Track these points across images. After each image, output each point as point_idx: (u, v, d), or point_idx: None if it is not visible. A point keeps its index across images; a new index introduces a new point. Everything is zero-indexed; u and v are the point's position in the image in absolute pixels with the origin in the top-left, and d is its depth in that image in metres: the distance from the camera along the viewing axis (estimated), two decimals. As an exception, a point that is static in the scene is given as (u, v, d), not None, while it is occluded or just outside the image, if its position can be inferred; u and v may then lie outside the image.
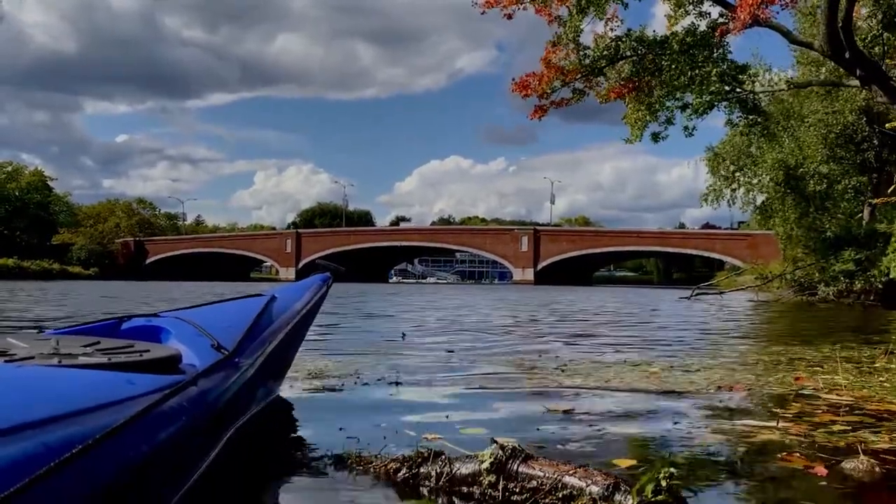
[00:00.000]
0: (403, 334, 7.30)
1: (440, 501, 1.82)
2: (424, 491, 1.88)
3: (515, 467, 1.78)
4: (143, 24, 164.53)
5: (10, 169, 68.30)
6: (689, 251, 63.09)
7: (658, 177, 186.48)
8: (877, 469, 2.08)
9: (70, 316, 9.80)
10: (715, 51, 16.52)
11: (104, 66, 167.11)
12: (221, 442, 2.07)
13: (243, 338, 2.40)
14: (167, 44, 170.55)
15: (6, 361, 1.75)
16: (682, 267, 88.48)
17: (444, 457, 1.92)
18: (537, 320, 10.78)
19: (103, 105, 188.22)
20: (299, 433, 2.72)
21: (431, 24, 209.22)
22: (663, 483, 1.56)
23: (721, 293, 23.78)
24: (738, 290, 25.42)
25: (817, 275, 20.76)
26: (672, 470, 1.61)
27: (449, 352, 5.60)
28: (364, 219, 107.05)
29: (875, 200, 14.84)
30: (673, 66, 16.41)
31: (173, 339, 2.38)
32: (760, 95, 19.03)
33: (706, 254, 61.12)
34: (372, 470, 2.02)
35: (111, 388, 1.54)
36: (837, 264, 19.53)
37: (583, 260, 66.39)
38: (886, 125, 13.46)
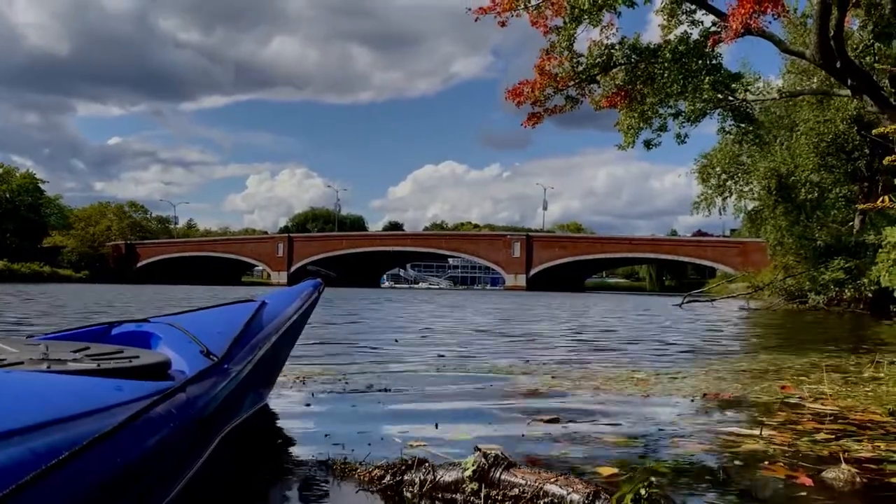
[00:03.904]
0: (396, 339, 7.33)
1: (423, 509, 1.83)
2: (408, 498, 1.89)
3: (498, 475, 1.79)
4: (137, 25, 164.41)
5: (0, 171, 67.99)
6: (680, 258, 63.32)
7: (651, 183, 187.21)
8: (858, 479, 2.10)
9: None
10: (707, 60, 16.60)
11: (97, 67, 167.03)
12: (209, 448, 2.08)
13: (232, 344, 2.41)
14: (161, 45, 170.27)
15: None
16: (674, 274, 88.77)
17: (427, 464, 1.93)
18: (527, 326, 10.78)
19: (96, 107, 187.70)
20: (285, 439, 2.72)
21: (428, 29, 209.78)
22: (643, 492, 1.57)
23: (712, 300, 23.88)
24: (729, 297, 25.51)
25: (808, 283, 20.84)
26: (652, 479, 1.62)
27: (439, 356, 5.62)
28: (357, 224, 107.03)
29: (861, 206, 14.95)
30: (665, 75, 16.48)
31: (163, 345, 2.39)
32: (752, 104, 19.14)
33: (698, 261, 61.43)
34: (356, 477, 2.03)
35: (100, 394, 1.55)
36: (828, 273, 19.61)
37: (575, 266, 66.50)
38: (873, 131, 13.55)
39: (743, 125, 19.27)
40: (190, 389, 1.89)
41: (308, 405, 3.35)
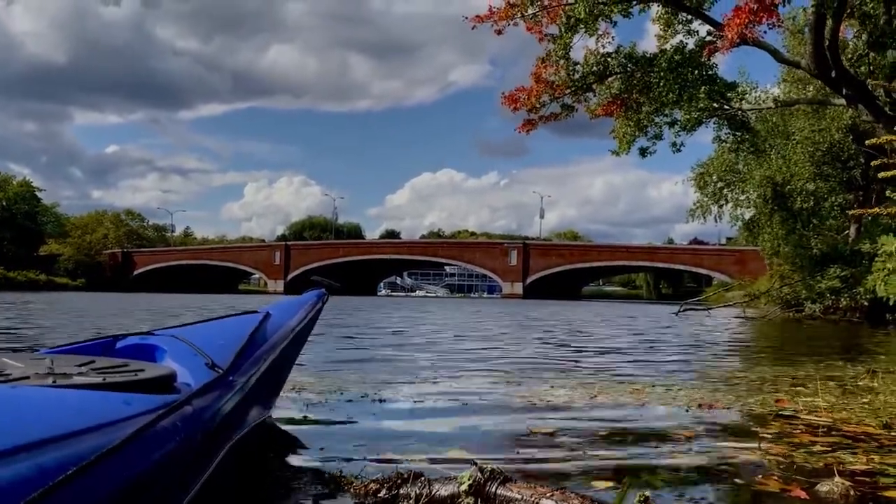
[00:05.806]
0: (393, 345, 7.34)
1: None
2: (403, 512, 1.89)
3: (494, 489, 1.79)
4: (134, 33, 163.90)
5: (-3, 179, 67.98)
6: (677, 266, 63.42)
7: (648, 191, 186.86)
8: (851, 492, 2.10)
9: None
10: (703, 69, 16.68)
11: (94, 75, 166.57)
12: (215, 462, 2.08)
13: (237, 356, 2.41)
14: (159, 54, 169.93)
15: (1, 382, 1.76)
16: (670, 282, 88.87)
17: (423, 478, 1.93)
18: (525, 336, 10.78)
19: (93, 115, 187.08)
20: (280, 451, 2.72)
21: (426, 37, 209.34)
22: (637, 507, 1.57)
23: (709, 309, 23.87)
24: (725, 305, 25.52)
25: (804, 292, 20.85)
26: (647, 493, 1.62)
27: (434, 367, 5.62)
28: (354, 232, 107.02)
29: (851, 212, 15.00)
30: (661, 84, 16.55)
31: (168, 358, 2.39)
32: (748, 112, 19.22)
33: (694, 269, 61.51)
34: (352, 491, 2.03)
35: (106, 408, 1.55)
36: (823, 281, 19.63)
37: (571, 274, 66.54)
38: (867, 142, 13.62)
39: (738, 133, 19.36)
40: (196, 402, 1.90)
41: (304, 416, 3.35)
